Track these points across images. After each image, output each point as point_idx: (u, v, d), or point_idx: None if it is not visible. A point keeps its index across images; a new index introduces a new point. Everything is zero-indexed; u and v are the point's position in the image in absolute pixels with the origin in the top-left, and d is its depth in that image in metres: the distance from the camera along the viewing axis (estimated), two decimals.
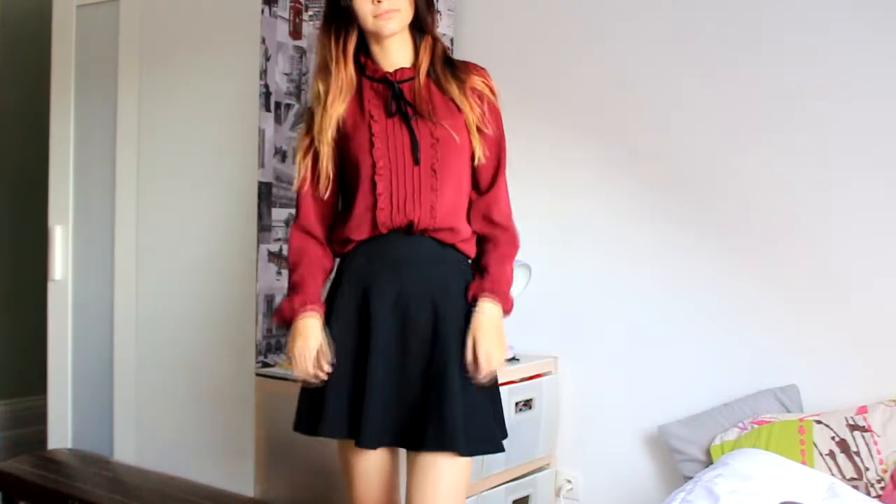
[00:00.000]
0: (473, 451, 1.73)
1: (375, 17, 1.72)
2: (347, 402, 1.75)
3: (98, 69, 3.11)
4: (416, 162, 1.74)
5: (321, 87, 1.78)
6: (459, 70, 1.81)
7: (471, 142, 1.78)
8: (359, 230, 1.77)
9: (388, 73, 1.79)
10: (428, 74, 1.79)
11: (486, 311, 1.76)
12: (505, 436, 1.82)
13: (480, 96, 1.80)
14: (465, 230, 1.82)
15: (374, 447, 1.74)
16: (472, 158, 1.80)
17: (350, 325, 1.77)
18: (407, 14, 1.76)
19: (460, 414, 1.69)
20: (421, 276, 1.76)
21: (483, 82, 1.80)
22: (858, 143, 2.24)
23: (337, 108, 1.76)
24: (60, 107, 3.19)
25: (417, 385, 1.74)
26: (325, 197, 1.81)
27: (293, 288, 1.81)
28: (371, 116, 1.77)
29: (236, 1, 2.77)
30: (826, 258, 2.28)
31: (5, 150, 4.01)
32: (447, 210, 1.77)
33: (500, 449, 1.78)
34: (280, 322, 1.82)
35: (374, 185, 1.74)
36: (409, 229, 1.75)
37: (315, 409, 1.78)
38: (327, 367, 1.73)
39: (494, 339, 1.75)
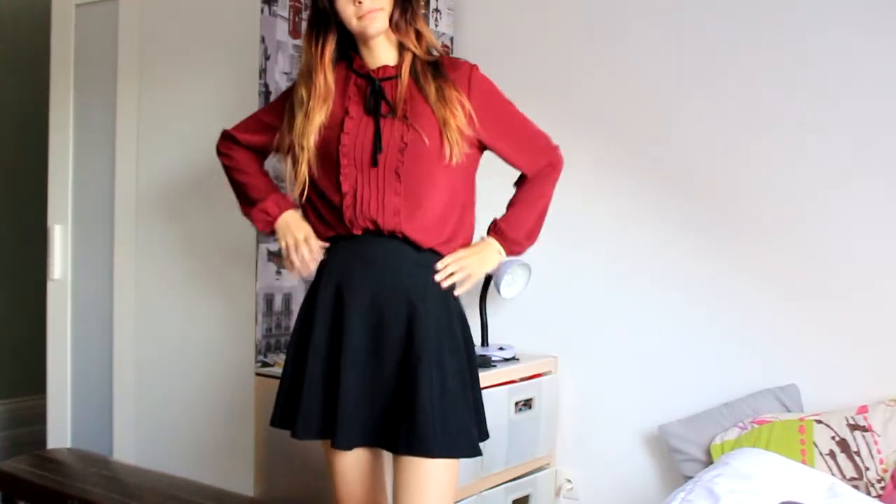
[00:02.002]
0: (445, 455, 1.69)
1: (359, 18, 1.72)
2: (321, 402, 1.74)
3: (97, 69, 3.11)
4: (374, 164, 1.73)
5: (304, 93, 1.79)
6: (441, 75, 1.78)
7: (445, 143, 1.75)
8: (335, 226, 1.79)
9: (371, 70, 1.80)
10: (411, 74, 1.78)
11: (486, 246, 1.86)
12: (485, 437, 1.80)
13: (463, 97, 1.77)
14: (450, 234, 1.80)
15: (348, 448, 1.73)
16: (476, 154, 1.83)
17: (325, 324, 1.77)
18: (388, 12, 1.75)
19: (432, 417, 1.66)
20: (397, 278, 1.75)
21: (458, 97, 1.76)
22: (859, 143, 2.24)
23: (318, 116, 1.77)
24: (60, 107, 3.19)
25: (391, 385, 1.72)
26: (295, 197, 1.85)
27: (251, 190, 1.92)
28: (347, 112, 1.77)
29: (235, 0, 2.77)
30: (826, 258, 2.28)
31: (5, 150, 4.01)
32: (422, 218, 1.75)
33: (477, 453, 1.74)
34: (267, 230, 1.91)
35: (339, 184, 1.75)
36: (379, 231, 1.74)
37: (289, 406, 1.79)
38: (318, 252, 1.83)
39: (475, 258, 1.83)
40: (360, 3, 1.71)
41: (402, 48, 1.80)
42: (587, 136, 2.63)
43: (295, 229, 1.85)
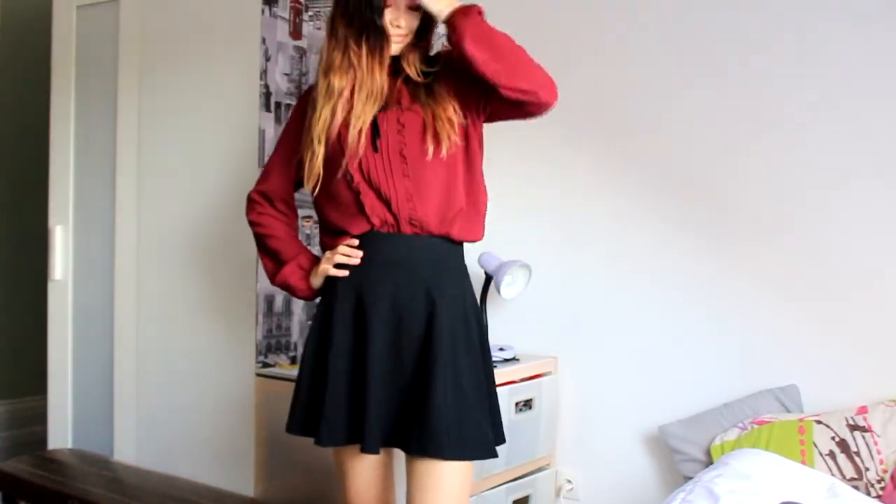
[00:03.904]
0: (459, 456, 1.70)
1: None
2: (345, 407, 1.74)
3: (98, 69, 3.11)
4: (375, 149, 1.74)
5: (337, 83, 1.74)
6: (433, 78, 1.80)
7: (429, 138, 1.75)
8: (351, 222, 1.77)
9: None
10: (405, 82, 1.79)
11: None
12: (502, 441, 1.81)
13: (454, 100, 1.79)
14: (465, 217, 1.80)
15: (377, 452, 1.74)
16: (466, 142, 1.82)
17: (346, 327, 1.77)
18: (409, 40, 1.78)
19: (446, 419, 1.67)
20: (415, 274, 1.75)
21: (447, 94, 1.77)
22: (859, 143, 2.24)
23: (368, 111, 1.74)
24: (60, 107, 3.20)
25: (410, 382, 1.73)
26: (309, 190, 1.82)
27: (283, 254, 1.92)
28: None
29: (236, 1, 2.77)
30: (826, 258, 2.28)
31: (5, 150, 4.02)
32: (433, 200, 1.75)
33: (492, 454, 1.74)
34: (303, 284, 1.90)
35: (348, 175, 1.75)
36: (397, 223, 1.75)
37: (311, 412, 1.78)
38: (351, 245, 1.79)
39: None
40: (399, 26, 1.74)
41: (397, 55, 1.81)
42: (587, 136, 2.64)
43: (324, 258, 1.85)
